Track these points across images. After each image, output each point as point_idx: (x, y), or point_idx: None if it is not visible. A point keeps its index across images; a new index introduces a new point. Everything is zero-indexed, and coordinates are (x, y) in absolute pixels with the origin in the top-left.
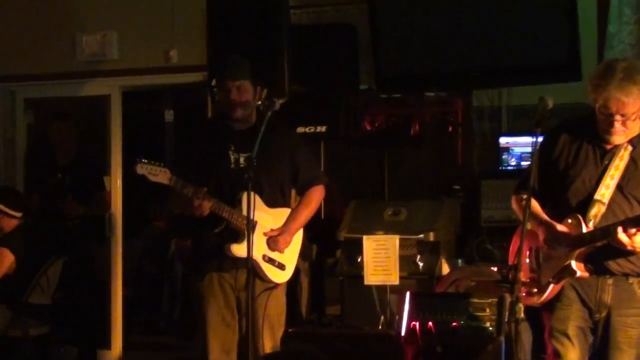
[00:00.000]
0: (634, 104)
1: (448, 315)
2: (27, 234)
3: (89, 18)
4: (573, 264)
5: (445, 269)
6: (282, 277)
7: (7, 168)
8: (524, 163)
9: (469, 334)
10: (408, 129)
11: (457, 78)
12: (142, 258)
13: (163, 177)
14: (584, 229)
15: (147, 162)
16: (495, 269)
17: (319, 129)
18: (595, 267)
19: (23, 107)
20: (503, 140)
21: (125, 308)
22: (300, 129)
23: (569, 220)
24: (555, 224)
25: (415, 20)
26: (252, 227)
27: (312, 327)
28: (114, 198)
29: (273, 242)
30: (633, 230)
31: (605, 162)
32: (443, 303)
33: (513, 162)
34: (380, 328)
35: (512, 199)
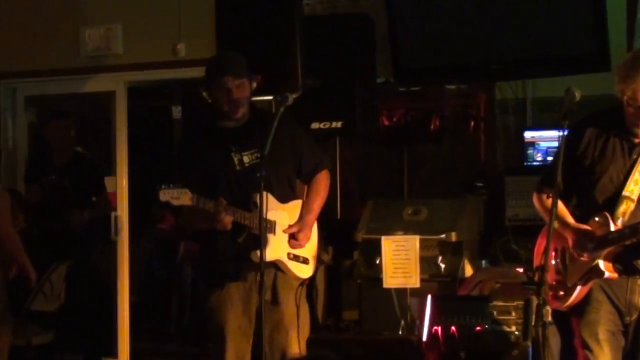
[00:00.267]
0: None
1: (472, 319)
2: (28, 238)
3: (92, 11)
4: (601, 264)
5: (469, 271)
6: (307, 271)
7: (7, 168)
8: (550, 158)
9: (494, 339)
10: (428, 124)
11: (479, 69)
12: (149, 262)
13: (185, 198)
14: (612, 228)
15: (168, 187)
16: (521, 270)
17: (334, 125)
18: (625, 267)
19: (24, 104)
20: (528, 135)
21: (133, 314)
22: (315, 125)
23: (596, 219)
24: (581, 225)
25: (435, 9)
26: (269, 228)
27: (328, 332)
28: (120, 199)
29: (295, 239)
30: None
31: (634, 156)
32: (466, 306)
33: (539, 157)
34: (401, 333)
35: (534, 197)
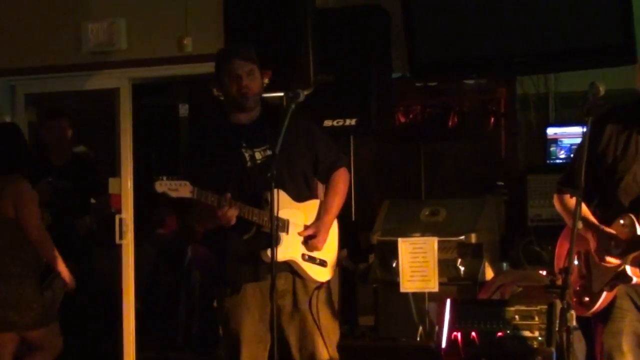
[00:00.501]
0: None
1: (493, 325)
2: None
3: (95, 4)
4: (628, 270)
5: (489, 274)
6: (325, 274)
7: None
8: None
9: (516, 345)
10: (446, 121)
11: (499, 63)
12: (155, 267)
13: (184, 190)
14: (639, 231)
15: (165, 178)
16: (544, 273)
17: (348, 122)
18: None
19: (24, 103)
20: (551, 131)
21: (138, 322)
22: (328, 123)
23: (621, 221)
24: (605, 228)
25: (453, 1)
26: (281, 226)
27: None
28: (125, 201)
29: (311, 241)
30: None
31: None
32: (487, 311)
33: (562, 154)
34: (419, 340)
35: (554, 198)
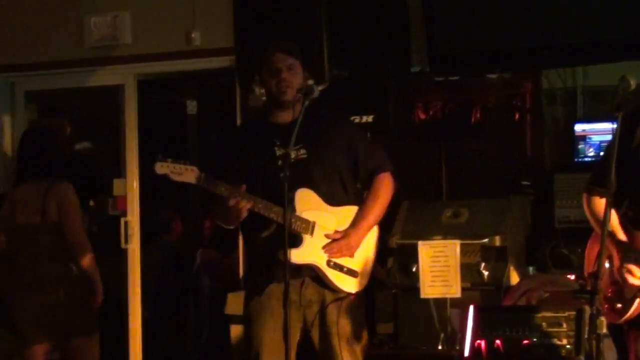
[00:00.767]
0: None
1: (518, 332)
2: None
3: None
4: None
5: (514, 278)
6: (353, 285)
7: (5, 169)
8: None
9: (543, 353)
10: (468, 117)
11: (524, 56)
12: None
13: (189, 176)
14: None
15: (170, 160)
16: (572, 277)
17: (365, 119)
18: None
19: (24, 100)
20: (579, 128)
21: (145, 330)
22: None
23: None
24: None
25: None
26: (305, 228)
27: None
28: (130, 203)
29: (337, 246)
30: None
31: None
32: (512, 318)
33: (591, 152)
34: (440, 348)
35: (583, 199)
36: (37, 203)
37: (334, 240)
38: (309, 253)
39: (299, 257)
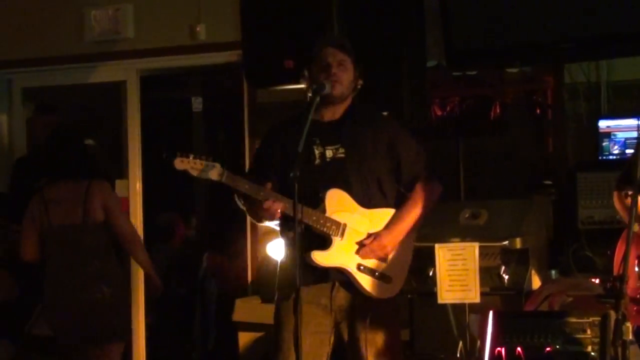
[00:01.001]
0: None
1: (541, 339)
2: None
3: None
4: None
5: (536, 282)
6: (386, 291)
7: (3, 169)
8: (629, 151)
9: None
10: (487, 113)
11: (545, 49)
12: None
13: (211, 172)
14: None
15: (192, 156)
16: (597, 281)
17: None
18: None
19: (21, 97)
20: (603, 124)
21: (149, 337)
22: None
23: None
24: None
25: None
26: (335, 230)
27: None
28: (133, 205)
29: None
30: None
31: None
32: (534, 324)
33: (615, 150)
34: (458, 356)
35: (614, 196)
36: (76, 203)
37: (363, 242)
38: (338, 257)
39: (327, 259)
